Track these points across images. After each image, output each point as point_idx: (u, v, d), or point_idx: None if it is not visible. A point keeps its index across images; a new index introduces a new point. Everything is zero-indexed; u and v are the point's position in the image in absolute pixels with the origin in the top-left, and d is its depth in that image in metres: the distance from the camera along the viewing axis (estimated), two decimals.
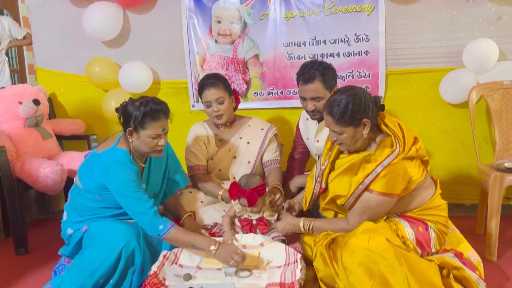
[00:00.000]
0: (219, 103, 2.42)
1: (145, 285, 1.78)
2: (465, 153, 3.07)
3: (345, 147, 1.97)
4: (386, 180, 1.82)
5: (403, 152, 1.84)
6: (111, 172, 1.96)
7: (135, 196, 1.93)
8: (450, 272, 1.84)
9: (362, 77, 3.11)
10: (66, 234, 2.15)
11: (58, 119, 3.45)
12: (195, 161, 2.50)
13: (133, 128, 1.98)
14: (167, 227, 1.93)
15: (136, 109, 1.97)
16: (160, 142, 2.02)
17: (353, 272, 1.75)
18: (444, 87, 2.96)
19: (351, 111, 1.85)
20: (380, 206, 1.87)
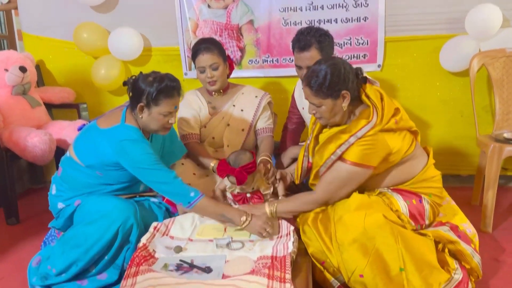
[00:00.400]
0: (213, 69, 2.34)
1: (134, 257, 1.75)
2: (464, 123, 3.01)
3: (324, 121, 1.90)
4: (360, 151, 1.76)
5: (380, 124, 1.77)
6: (128, 150, 1.89)
7: (157, 168, 1.90)
8: (445, 246, 1.81)
9: (360, 45, 3.00)
10: (56, 208, 2.10)
11: (46, 87, 3.36)
12: (188, 129, 2.44)
13: (145, 104, 1.92)
14: (198, 194, 1.90)
15: (149, 84, 1.90)
16: (170, 120, 1.96)
17: (347, 249, 1.72)
18: (444, 54, 2.87)
19: (330, 82, 1.77)
20: (351, 177, 1.80)
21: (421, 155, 1.94)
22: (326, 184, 1.84)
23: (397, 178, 1.90)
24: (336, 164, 1.82)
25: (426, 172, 1.92)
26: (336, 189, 1.83)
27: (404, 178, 1.90)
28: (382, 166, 1.84)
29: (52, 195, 2.11)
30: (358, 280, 1.72)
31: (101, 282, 1.95)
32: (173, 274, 1.65)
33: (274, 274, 1.57)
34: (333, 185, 1.83)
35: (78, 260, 1.91)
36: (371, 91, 1.86)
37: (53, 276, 1.95)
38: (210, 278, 1.60)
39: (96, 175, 2.01)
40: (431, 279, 1.67)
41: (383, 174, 1.89)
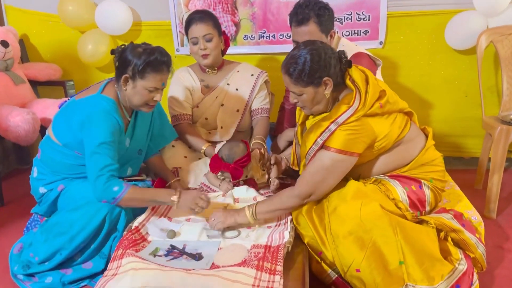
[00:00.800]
0: (207, 40, 2.20)
1: (123, 239, 1.65)
2: (468, 103, 2.89)
3: (307, 110, 1.78)
4: (344, 136, 1.64)
5: (363, 109, 1.65)
6: (93, 120, 1.75)
7: (101, 153, 1.73)
8: (448, 235, 1.71)
9: (361, 20, 2.84)
10: (38, 192, 1.99)
11: (31, 63, 3.20)
12: (179, 109, 2.30)
13: (131, 75, 1.78)
14: (123, 187, 1.73)
15: (137, 56, 1.76)
16: (155, 97, 1.83)
17: (342, 242, 1.61)
18: (450, 31, 2.73)
19: (310, 69, 1.64)
20: (335, 166, 1.67)
21: (417, 137, 1.82)
22: (309, 175, 1.71)
23: (392, 163, 1.78)
24: (318, 153, 1.70)
25: (425, 155, 1.80)
26: (319, 180, 1.69)
27: (400, 163, 1.79)
28: (371, 153, 1.72)
29: (33, 178, 1.99)
30: (354, 275, 1.62)
31: (86, 271, 1.86)
32: (161, 260, 1.56)
33: (264, 265, 1.48)
34: (316, 176, 1.69)
35: (62, 248, 1.81)
36: (356, 73, 1.73)
37: (35, 264, 1.86)
38: (197, 266, 1.51)
39: (75, 155, 1.88)
40: (433, 271, 1.58)
41: (377, 160, 1.77)
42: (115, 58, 1.84)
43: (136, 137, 1.99)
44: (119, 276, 1.43)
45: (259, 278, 1.42)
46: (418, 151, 1.79)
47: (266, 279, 1.42)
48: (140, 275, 1.41)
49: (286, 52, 2.86)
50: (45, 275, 1.85)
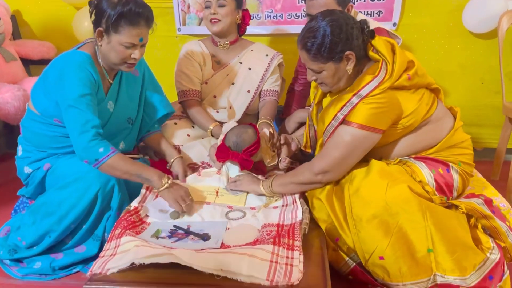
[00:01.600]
0: (220, 6, 2.06)
1: (121, 219, 1.50)
2: (484, 90, 2.76)
3: (326, 88, 1.63)
4: (367, 110, 1.49)
5: (390, 80, 1.49)
6: (65, 74, 1.58)
7: (81, 109, 1.56)
8: (479, 222, 1.57)
9: (375, 0, 2.70)
10: (23, 173, 1.83)
11: (23, 40, 3.04)
12: (188, 84, 2.14)
13: (104, 29, 1.60)
14: (109, 150, 1.56)
15: (112, 6, 1.58)
16: (134, 54, 1.65)
17: (365, 227, 1.46)
18: (468, 13, 2.59)
19: (330, 42, 1.49)
20: (356, 143, 1.53)
21: (446, 117, 1.68)
22: (326, 151, 1.56)
23: (418, 144, 1.63)
24: (339, 129, 1.55)
25: (454, 137, 1.66)
26: (338, 157, 1.54)
27: (427, 144, 1.64)
28: (395, 132, 1.58)
29: (18, 157, 1.84)
30: (377, 263, 1.47)
31: (79, 255, 1.71)
32: (165, 241, 1.42)
33: (281, 240, 1.34)
34: (333, 152, 1.54)
35: (51, 230, 1.65)
36: (380, 43, 1.57)
37: (23, 249, 1.71)
38: (206, 246, 1.37)
39: (54, 123, 1.71)
40: (466, 261, 1.43)
41: (402, 141, 1.62)
42: (91, 10, 1.66)
43: (121, 101, 1.82)
44: (119, 256, 1.28)
45: (276, 254, 1.28)
46: (446, 132, 1.64)
47: (284, 255, 1.28)
48: (143, 249, 1.26)
49: (294, 34, 2.80)
50: (33, 260, 1.71)
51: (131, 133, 1.90)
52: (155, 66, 2.13)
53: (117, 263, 1.25)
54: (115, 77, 1.80)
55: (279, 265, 1.24)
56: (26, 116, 1.80)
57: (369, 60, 1.62)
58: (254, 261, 1.23)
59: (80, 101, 1.56)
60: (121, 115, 1.82)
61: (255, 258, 1.25)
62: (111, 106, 1.77)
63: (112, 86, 1.78)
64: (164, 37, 2.96)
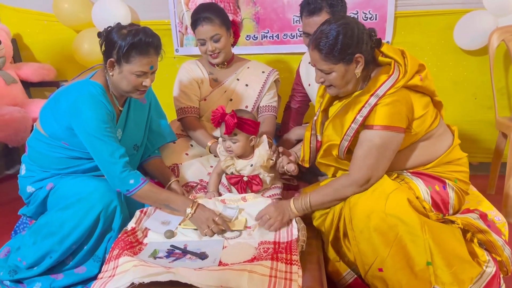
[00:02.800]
0: (215, 41, 2.08)
1: (118, 240, 1.51)
2: (477, 106, 2.81)
3: (334, 91, 1.64)
4: (387, 110, 1.50)
5: (404, 78, 1.52)
6: (80, 106, 1.61)
7: (104, 140, 1.61)
8: (475, 236, 1.58)
9: (368, 19, 2.77)
10: (26, 192, 1.84)
11: (23, 63, 3.09)
12: (186, 101, 2.17)
13: (116, 59, 1.64)
14: (139, 182, 1.63)
15: (122, 37, 1.62)
16: (145, 82, 1.69)
17: (365, 239, 1.48)
18: (458, 31, 2.66)
19: (342, 43, 1.52)
20: (386, 144, 1.53)
21: (445, 133, 1.71)
22: (360, 160, 1.55)
23: (418, 158, 1.65)
24: (363, 135, 1.55)
25: (451, 154, 1.68)
26: (373, 162, 1.54)
27: (426, 159, 1.66)
28: (405, 138, 1.58)
29: (21, 176, 1.85)
30: (376, 275, 1.49)
31: (79, 276, 1.71)
32: (162, 261, 1.43)
33: (279, 256, 1.35)
34: (368, 158, 1.53)
35: (51, 251, 1.66)
36: (389, 49, 1.61)
37: (23, 269, 1.71)
38: (205, 265, 1.37)
39: (62, 145, 1.74)
40: (463, 274, 1.45)
41: (403, 152, 1.64)
42: (101, 41, 1.70)
43: (129, 129, 1.85)
44: (118, 277, 1.29)
45: (275, 268, 1.29)
46: (445, 149, 1.67)
47: (283, 269, 1.30)
48: (142, 269, 1.27)
49: (290, 53, 2.87)
50: (33, 280, 1.70)
51: (134, 159, 1.93)
52: (153, 87, 2.16)
53: (116, 284, 1.25)
54: (123, 105, 1.84)
55: (279, 280, 1.25)
56: (33, 136, 1.83)
57: (377, 66, 1.64)
58: (253, 277, 1.25)
59: (103, 132, 1.61)
60: (128, 142, 1.84)
61: (254, 274, 1.26)
62: (119, 133, 1.80)
63: (122, 113, 1.82)
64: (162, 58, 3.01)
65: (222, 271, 1.28)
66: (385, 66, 1.59)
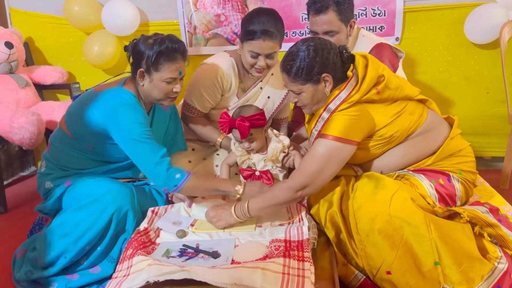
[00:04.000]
0: (269, 58, 1.92)
1: (132, 240, 1.53)
2: (490, 100, 2.78)
3: (307, 110, 1.68)
4: (340, 122, 1.54)
5: (358, 94, 1.54)
6: (119, 114, 1.66)
7: (147, 142, 1.66)
8: (484, 230, 1.57)
9: (377, 15, 2.75)
10: (44, 187, 1.87)
11: (36, 66, 3.12)
12: (198, 105, 2.05)
13: (145, 69, 1.69)
14: (185, 174, 1.66)
15: (149, 47, 1.67)
16: (175, 88, 1.73)
17: (371, 242, 1.48)
18: (469, 25, 2.63)
19: (307, 64, 1.56)
20: (330, 154, 1.54)
21: (439, 126, 1.70)
22: (303, 166, 1.58)
23: (412, 155, 1.66)
24: (315, 143, 1.59)
25: (450, 145, 1.67)
26: (314, 170, 1.55)
27: (422, 154, 1.66)
28: (377, 144, 1.62)
29: (41, 173, 1.89)
30: (385, 278, 1.49)
31: (94, 276, 1.74)
32: (175, 261, 1.44)
33: (291, 253, 1.37)
34: (310, 166, 1.56)
35: (66, 251, 1.69)
36: (358, 61, 1.61)
37: (39, 269, 1.74)
38: (217, 264, 1.39)
39: (86, 148, 1.78)
40: (473, 272, 1.44)
41: (397, 152, 1.65)
42: (128, 54, 1.77)
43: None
44: (133, 276, 1.31)
45: (288, 265, 1.30)
46: (442, 141, 1.66)
47: (295, 266, 1.31)
48: (156, 268, 1.29)
49: None
50: (50, 281, 1.73)
51: None
52: None
53: (131, 283, 1.27)
54: (150, 111, 1.89)
55: (291, 277, 1.26)
56: (56, 135, 1.87)
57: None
58: (267, 274, 1.26)
59: (144, 135, 1.66)
60: None
61: (267, 271, 1.27)
62: None
63: (148, 119, 1.84)
64: None
65: (235, 269, 1.29)
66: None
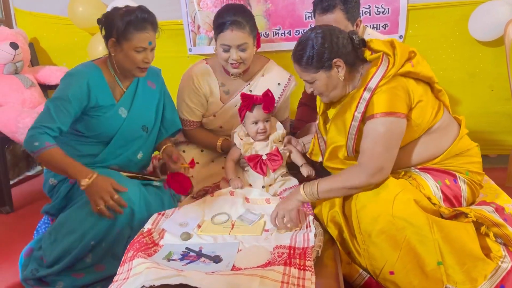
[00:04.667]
0: (241, 50, 1.91)
1: (134, 242, 1.52)
2: (494, 98, 2.77)
3: (325, 98, 1.67)
4: (384, 97, 1.49)
5: (394, 67, 1.51)
6: (64, 77, 1.78)
7: (50, 108, 1.70)
8: (490, 230, 1.56)
9: (380, 13, 2.75)
10: (49, 184, 1.89)
11: (41, 66, 3.15)
12: (189, 116, 2.09)
13: (116, 39, 1.77)
14: (44, 145, 1.65)
15: (119, 18, 1.75)
16: (145, 59, 1.79)
17: (374, 242, 1.48)
18: (474, 22, 2.62)
19: (316, 52, 1.55)
20: (391, 131, 1.50)
21: (451, 125, 1.69)
22: (370, 150, 1.52)
23: (424, 153, 1.64)
24: (366, 127, 1.53)
25: (459, 145, 1.66)
26: (382, 150, 1.51)
27: (432, 153, 1.64)
28: (408, 132, 1.56)
29: (46, 170, 1.92)
30: (388, 278, 1.49)
31: (99, 274, 1.74)
32: (176, 264, 1.43)
33: (292, 261, 1.35)
34: (376, 147, 1.50)
35: (71, 248, 1.69)
36: (377, 43, 1.61)
37: (44, 267, 1.74)
38: (217, 269, 1.38)
39: (76, 133, 1.85)
40: (475, 272, 1.44)
41: (408, 148, 1.62)
42: (100, 26, 1.84)
43: (136, 109, 1.92)
44: (132, 279, 1.30)
45: (288, 274, 1.28)
46: (452, 141, 1.65)
47: (296, 275, 1.28)
48: (154, 271, 1.29)
49: None
50: (56, 280, 1.74)
51: (147, 142, 1.98)
52: (168, 86, 2.19)
53: (129, 287, 1.27)
54: (130, 86, 1.92)
55: (291, 286, 1.24)
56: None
57: (367, 63, 1.64)
58: (265, 282, 1.24)
59: (54, 103, 1.72)
60: (135, 122, 1.91)
61: (266, 279, 1.25)
62: (123, 112, 1.88)
63: (125, 93, 1.90)
64: (175, 58, 3.04)
65: (233, 275, 1.28)
66: (375, 60, 1.59)
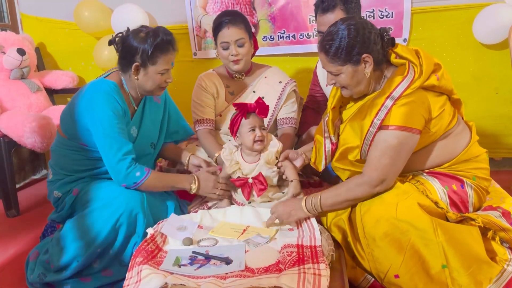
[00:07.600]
0: (239, 46, 2.06)
1: (140, 249, 1.51)
2: (499, 101, 2.76)
3: (347, 92, 1.62)
4: (403, 111, 1.48)
5: (420, 79, 1.49)
6: (94, 103, 1.71)
7: (113, 136, 1.70)
8: (496, 234, 1.56)
9: (384, 17, 2.75)
10: (53, 196, 1.90)
11: (47, 71, 3.16)
12: (201, 114, 2.17)
13: (141, 63, 1.73)
14: (145, 173, 1.72)
15: (142, 41, 1.71)
16: (168, 79, 1.80)
17: (378, 245, 1.48)
18: (478, 25, 2.62)
19: (347, 44, 1.51)
20: (402, 144, 1.49)
21: (463, 131, 1.69)
22: (377, 160, 1.52)
23: (436, 158, 1.63)
24: (379, 135, 1.52)
25: (470, 151, 1.65)
26: (388, 163, 1.51)
27: (444, 158, 1.63)
28: (422, 139, 1.56)
29: (49, 181, 1.93)
30: (393, 282, 1.49)
31: (106, 279, 1.76)
32: (187, 269, 1.41)
33: (305, 259, 1.36)
34: (383, 159, 1.51)
35: (78, 255, 1.71)
36: (403, 49, 1.59)
37: (52, 272, 1.76)
38: (231, 270, 1.37)
39: (80, 147, 1.82)
40: (481, 275, 1.44)
41: (421, 153, 1.62)
42: (116, 47, 1.80)
43: (145, 127, 1.93)
44: (146, 280, 1.30)
45: (303, 267, 1.31)
46: (464, 147, 1.64)
47: (310, 267, 1.31)
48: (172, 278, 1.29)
49: (307, 53, 2.87)
50: (63, 283, 1.75)
51: (153, 157, 2.01)
52: (172, 90, 2.21)
53: (147, 285, 1.28)
54: (139, 104, 1.91)
55: (308, 275, 1.26)
56: (56, 140, 1.91)
57: (391, 65, 1.62)
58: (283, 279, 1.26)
59: (114, 129, 1.70)
60: (145, 140, 1.92)
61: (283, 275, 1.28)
62: (134, 131, 1.88)
63: (136, 112, 1.89)
64: (180, 62, 3.03)
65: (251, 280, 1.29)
66: (400, 67, 1.57)
